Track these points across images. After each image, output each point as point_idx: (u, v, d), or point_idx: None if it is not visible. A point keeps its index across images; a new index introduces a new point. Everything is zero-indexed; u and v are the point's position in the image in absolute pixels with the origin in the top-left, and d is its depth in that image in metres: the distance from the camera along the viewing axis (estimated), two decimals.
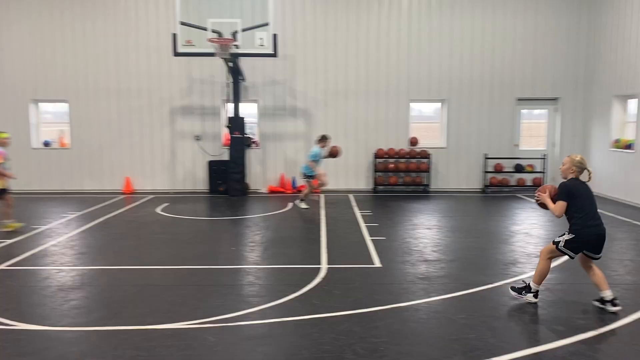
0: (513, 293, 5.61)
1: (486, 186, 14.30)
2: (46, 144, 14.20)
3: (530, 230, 9.16)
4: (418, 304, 5.49)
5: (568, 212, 5.22)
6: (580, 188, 5.20)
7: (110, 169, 14.14)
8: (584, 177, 5.31)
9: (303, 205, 11.22)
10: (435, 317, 5.14)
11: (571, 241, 5.19)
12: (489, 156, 14.22)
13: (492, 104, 14.27)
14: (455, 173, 14.47)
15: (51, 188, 14.05)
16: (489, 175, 14.31)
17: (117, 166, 14.13)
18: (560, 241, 5.27)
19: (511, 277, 6.34)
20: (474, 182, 14.51)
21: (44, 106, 14.61)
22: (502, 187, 14.27)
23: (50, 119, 15.26)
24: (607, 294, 5.22)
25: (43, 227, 9.29)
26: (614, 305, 5.19)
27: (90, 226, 9.48)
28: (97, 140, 14.06)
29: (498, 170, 14.21)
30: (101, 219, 10.12)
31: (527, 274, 6.43)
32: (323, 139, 11.45)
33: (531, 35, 14.02)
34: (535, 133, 16.58)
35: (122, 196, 13.30)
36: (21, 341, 4.52)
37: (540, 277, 5.43)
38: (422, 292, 5.86)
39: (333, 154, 11.52)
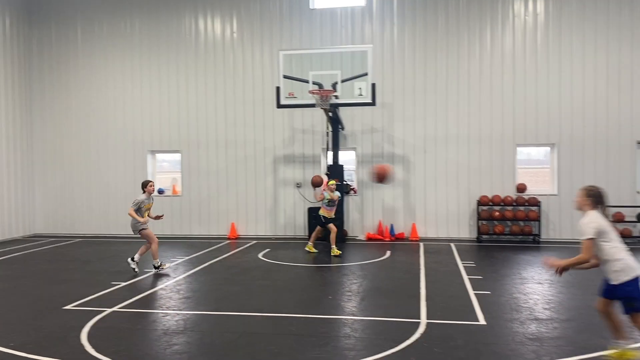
0: None
1: None
2: (160, 191, 15.31)
3: None
4: None
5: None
6: None
7: (217, 215, 14.89)
8: None
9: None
10: None
11: None
12: (607, 204, 13.01)
13: (608, 148, 13.22)
14: (569, 222, 13.40)
15: (163, 233, 15.00)
16: None
17: (224, 212, 14.84)
18: None
19: (637, 342, 5.60)
20: None
21: (161, 156, 15.85)
22: (625, 238, 12.94)
23: (166, 167, 16.50)
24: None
25: (154, 270, 9.87)
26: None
27: (195, 271, 9.93)
28: (205, 188, 14.96)
29: (618, 219, 12.95)
30: (206, 264, 10.58)
31: None
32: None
33: None
34: None
35: (227, 241, 13.87)
36: None
37: None
38: (533, 355, 5.35)
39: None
